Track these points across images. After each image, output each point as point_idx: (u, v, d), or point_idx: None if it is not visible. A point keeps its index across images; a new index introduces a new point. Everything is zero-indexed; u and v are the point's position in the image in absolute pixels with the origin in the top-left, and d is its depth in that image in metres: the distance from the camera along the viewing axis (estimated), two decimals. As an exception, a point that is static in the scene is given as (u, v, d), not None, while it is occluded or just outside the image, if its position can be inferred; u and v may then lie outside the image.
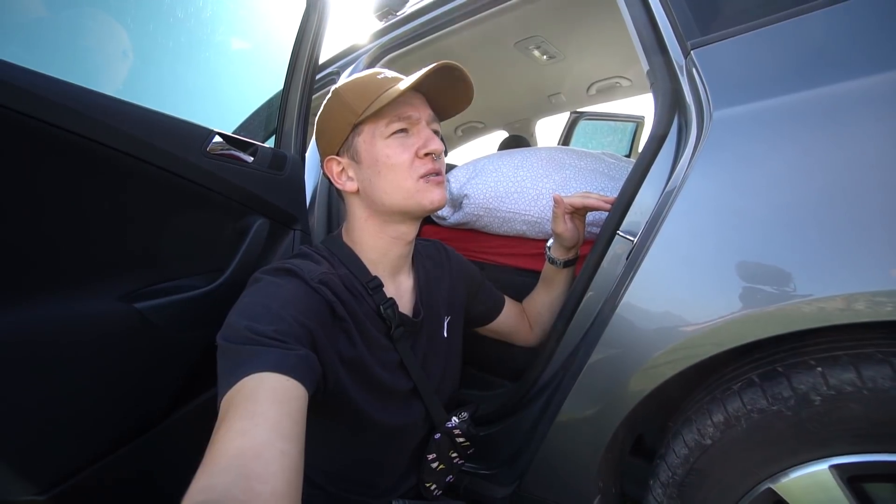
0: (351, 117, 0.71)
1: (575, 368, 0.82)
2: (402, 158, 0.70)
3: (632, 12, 0.86)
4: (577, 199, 0.89)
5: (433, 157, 0.72)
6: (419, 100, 0.74)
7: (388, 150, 0.70)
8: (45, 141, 0.54)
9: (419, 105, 0.73)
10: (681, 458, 0.71)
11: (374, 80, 0.72)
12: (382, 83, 0.71)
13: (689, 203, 0.67)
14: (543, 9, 1.35)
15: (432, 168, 0.72)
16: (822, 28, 0.62)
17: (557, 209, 0.91)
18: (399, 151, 0.70)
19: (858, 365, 0.55)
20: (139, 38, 0.75)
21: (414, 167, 0.71)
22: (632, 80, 2.11)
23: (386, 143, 0.71)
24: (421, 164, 0.71)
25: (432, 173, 0.72)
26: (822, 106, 0.59)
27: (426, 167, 0.71)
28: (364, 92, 0.71)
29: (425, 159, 0.71)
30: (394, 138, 0.71)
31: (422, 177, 0.71)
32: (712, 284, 0.64)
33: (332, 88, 0.76)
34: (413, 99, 0.72)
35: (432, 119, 0.75)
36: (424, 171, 0.71)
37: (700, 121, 0.69)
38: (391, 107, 0.69)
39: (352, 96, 0.72)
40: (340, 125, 0.72)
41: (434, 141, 0.72)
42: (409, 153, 0.71)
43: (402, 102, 0.70)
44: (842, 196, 0.55)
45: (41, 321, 0.59)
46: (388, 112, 0.70)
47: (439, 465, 0.83)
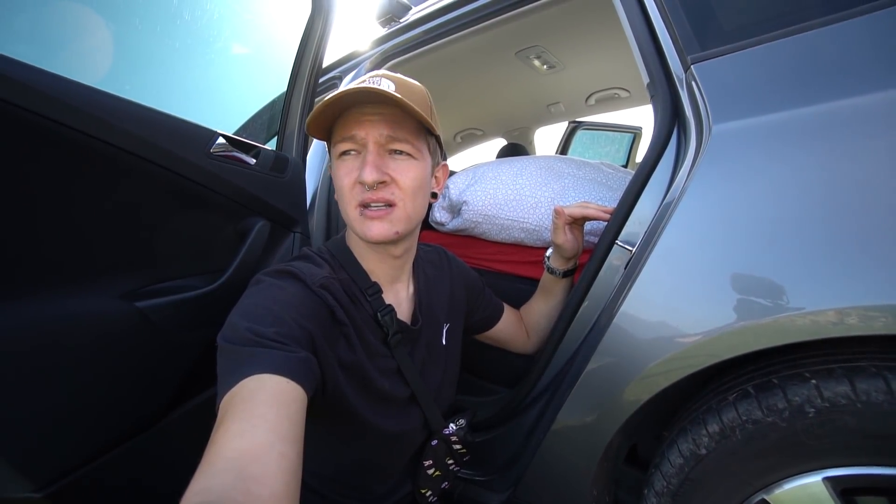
0: (313, 125, 0.67)
1: (571, 376, 0.83)
2: (342, 183, 0.67)
3: (633, 25, 0.87)
4: (577, 210, 0.90)
5: (364, 187, 0.65)
6: (378, 116, 0.65)
7: (337, 171, 0.68)
8: (53, 139, 0.55)
9: (373, 123, 0.65)
10: (675, 468, 0.71)
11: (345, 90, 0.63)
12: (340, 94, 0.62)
13: (688, 215, 0.68)
14: (545, 19, 1.37)
15: (367, 198, 0.65)
16: (821, 45, 0.63)
17: (558, 220, 0.91)
18: (341, 175, 0.67)
19: (853, 378, 0.55)
20: (147, 39, 0.76)
21: (353, 194, 0.66)
22: (630, 91, 2.14)
23: (336, 164, 0.68)
24: (358, 192, 0.66)
25: (367, 204, 0.66)
26: (819, 122, 0.60)
27: (362, 195, 0.66)
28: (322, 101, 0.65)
29: (361, 187, 0.65)
30: (341, 160, 0.67)
31: (359, 205, 0.66)
32: (709, 295, 0.65)
33: None
34: (368, 115, 0.65)
35: (388, 139, 0.65)
36: (359, 200, 0.66)
37: (699, 134, 0.70)
38: (341, 126, 0.66)
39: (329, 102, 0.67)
40: (318, 133, 0.70)
41: (368, 168, 0.63)
42: (350, 178, 0.66)
43: (354, 121, 0.65)
44: (836, 211, 0.57)
45: (43, 318, 0.59)
46: (337, 130, 0.67)
47: (435, 471, 0.83)
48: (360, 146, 0.66)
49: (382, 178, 0.65)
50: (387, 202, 0.66)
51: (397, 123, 0.66)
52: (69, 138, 0.56)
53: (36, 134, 0.53)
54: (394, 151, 0.67)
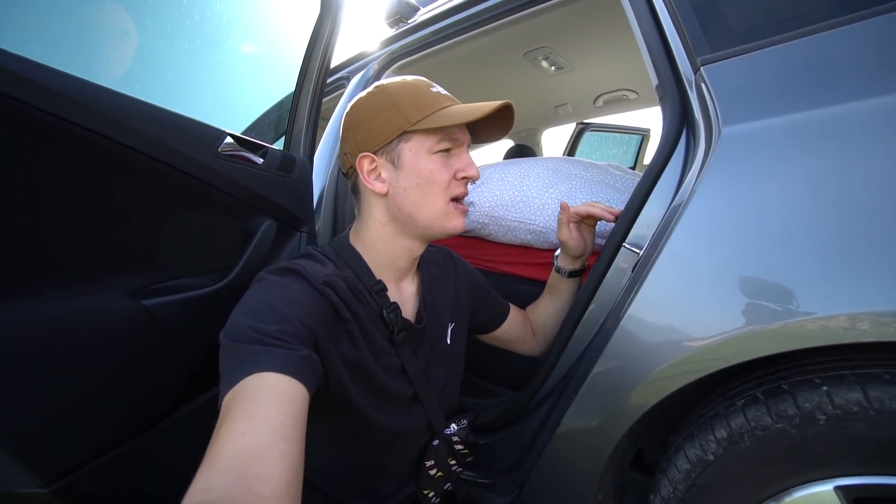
0: (402, 122, 0.70)
1: (577, 379, 0.82)
2: (442, 177, 0.72)
3: (642, 27, 0.87)
4: (583, 208, 0.90)
5: (467, 182, 0.75)
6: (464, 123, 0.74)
7: (432, 165, 0.71)
8: (62, 137, 0.55)
9: (464, 128, 0.75)
10: (682, 474, 0.70)
11: (429, 92, 0.73)
12: (437, 98, 0.72)
13: (697, 218, 0.67)
14: (553, 20, 1.37)
15: (465, 192, 0.75)
16: (833, 47, 0.62)
17: (563, 216, 0.92)
18: (441, 169, 0.72)
19: (865, 385, 0.54)
20: (157, 39, 0.77)
21: (450, 188, 0.73)
22: (639, 92, 2.13)
23: (431, 158, 0.72)
24: (456, 187, 0.74)
25: (463, 198, 0.75)
26: (832, 125, 0.59)
27: (460, 190, 0.74)
28: (419, 101, 0.71)
29: (461, 182, 0.74)
30: (438, 156, 0.72)
31: (453, 199, 0.74)
32: (717, 300, 0.64)
33: (378, 84, 0.75)
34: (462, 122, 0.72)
35: (470, 143, 0.77)
36: (458, 194, 0.74)
37: (709, 136, 0.69)
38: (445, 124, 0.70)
39: (407, 102, 0.70)
40: (388, 126, 0.71)
41: (473, 167, 0.74)
42: (449, 173, 0.72)
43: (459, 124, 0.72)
44: (849, 215, 0.56)
45: (51, 315, 0.60)
46: (442, 129, 0.71)
47: (437, 472, 0.83)
48: (455, 146, 0.74)
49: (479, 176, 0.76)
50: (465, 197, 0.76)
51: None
52: (78, 136, 0.56)
53: (45, 131, 0.54)
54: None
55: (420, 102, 0.71)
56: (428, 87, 0.74)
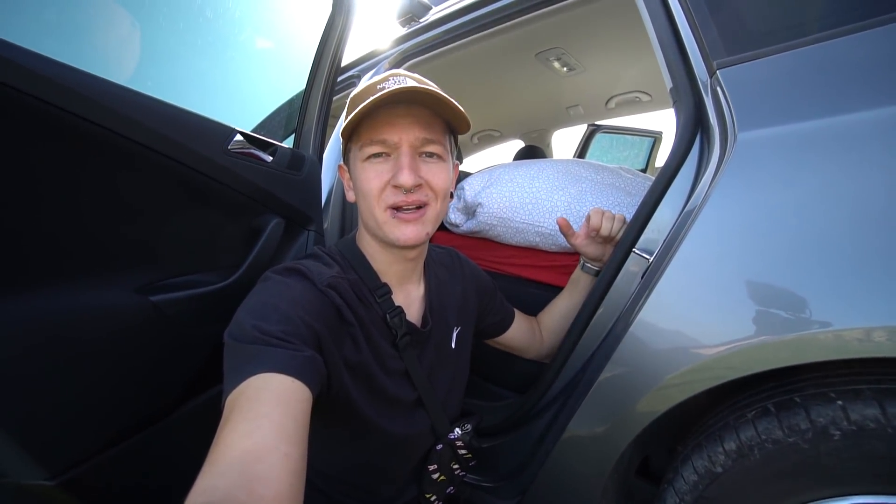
0: (347, 128, 0.66)
1: (584, 385, 0.81)
2: (371, 186, 0.65)
3: (657, 28, 0.85)
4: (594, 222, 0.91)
5: (400, 190, 0.65)
6: (409, 119, 0.65)
7: (363, 174, 0.66)
8: (73, 134, 0.56)
9: (406, 126, 0.64)
10: (689, 485, 0.69)
11: (373, 90, 0.65)
12: (376, 93, 0.62)
13: (710, 224, 0.66)
14: (566, 21, 1.35)
15: (400, 201, 0.65)
16: (853, 53, 0.61)
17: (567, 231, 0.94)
18: (370, 178, 0.65)
19: (883, 401, 0.53)
20: (170, 37, 0.77)
21: (383, 197, 0.65)
22: (652, 95, 2.10)
23: (363, 166, 0.67)
24: (391, 194, 0.65)
25: (400, 207, 0.66)
26: (850, 133, 0.57)
27: (395, 198, 0.65)
28: (357, 101, 0.65)
29: (394, 190, 0.65)
30: (370, 163, 0.66)
31: (390, 207, 0.66)
32: (729, 308, 0.63)
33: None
34: (400, 119, 0.64)
35: (423, 142, 0.66)
36: (392, 203, 0.65)
37: (724, 141, 0.68)
38: (370, 128, 0.64)
39: (351, 104, 0.67)
40: (343, 134, 0.68)
41: (403, 172, 0.63)
42: (380, 181, 0.65)
43: (385, 122, 0.64)
44: (867, 225, 0.54)
45: (60, 310, 0.60)
46: (365, 133, 0.65)
47: (440, 476, 0.82)
48: (391, 149, 0.65)
49: (419, 181, 0.65)
50: (420, 204, 0.66)
51: (429, 125, 0.66)
52: (89, 132, 0.56)
53: (56, 127, 0.54)
54: (425, 154, 0.67)
55: (355, 105, 0.64)
56: (375, 84, 0.66)
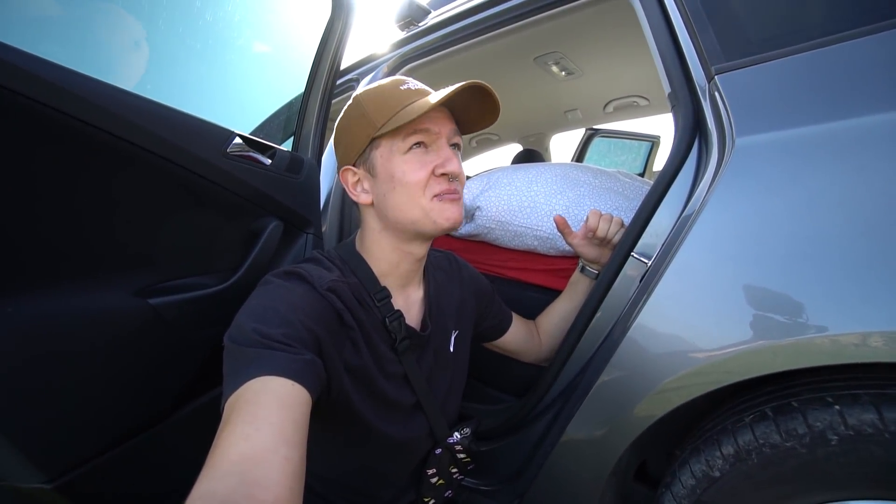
0: (370, 130, 0.68)
1: (582, 389, 0.81)
2: (417, 176, 0.67)
3: (655, 33, 0.86)
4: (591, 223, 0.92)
5: (448, 177, 0.69)
6: (442, 114, 0.70)
7: (405, 165, 0.68)
8: (71, 136, 0.55)
9: (441, 119, 0.69)
10: (687, 489, 0.69)
11: (396, 92, 0.69)
12: (404, 95, 0.68)
13: (708, 229, 0.66)
14: (565, 26, 1.36)
15: (447, 188, 0.69)
16: (851, 59, 0.61)
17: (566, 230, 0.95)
18: (415, 168, 0.67)
19: (880, 406, 0.53)
20: (169, 40, 0.77)
21: (429, 186, 0.68)
22: (650, 99, 2.11)
23: (403, 158, 0.68)
24: (436, 183, 0.68)
25: (447, 193, 0.69)
26: (848, 138, 0.58)
27: (441, 187, 0.68)
28: (385, 104, 0.68)
29: (441, 178, 0.68)
30: (411, 153, 0.68)
31: (436, 195, 0.68)
32: (727, 313, 0.63)
33: (354, 95, 0.74)
34: (435, 112, 0.68)
35: (454, 134, 0.71)
36: (439, 191, 0.68)
37: (722, 146, 0.68)
38: (410, 119, 0.65)
39: (372, 107, 0.68)
40: (359, 136, 0.70)
41: (452, 161, 0.68)
42: (426, 171, 0.67)
43: (424, 116, 0.66)
44: (865, 230, 0.54)
45: (58, 312, 0.60)
46: (407, 125, 0.66)
47: (439, 480, 0.82)
48: (431, 139, 0.69)
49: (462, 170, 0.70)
50: (456, 191, 0.70)
51: (452, 120, 0.72)
52: (87, 134, 0.56)
53: (55, 130, 0.54)
54: (452, 146, 0.71)
55: (385, 105, 0.68)
56: (397, 86, 0.70)
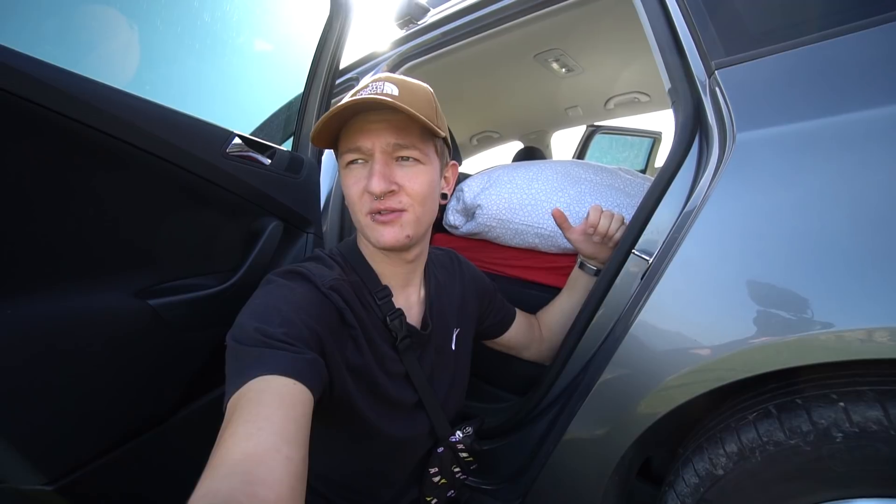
0: (320, 137, 0.67)
1: (584, 387, 0.81)
2: (350, 192, 0.67)
3: (655, 29, 0.85)
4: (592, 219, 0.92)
5: (373, 196, 0.64)
6: (382, 125, 0.64)
7: (344, 180, 0.68)
8: (71, 137, 0.55)
9: (378, 131, 0.64)
10: (690, 488, 0.69)
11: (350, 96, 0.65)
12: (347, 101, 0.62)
13: (709, 225, 0.66)
14: (564, 23, 1.36)
15: (376, 207, 0.65)
16: (851, 53, 0.61)
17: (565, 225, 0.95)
18: (349, 184, 0.67)
19: (886, 403, 0.52)
20: (167, 40, 0.77)
21: (362, 202, 0.66)
22: (651, 95, 2.10)
23: (344, 173, 0.68)
24: (367, 201, 0.66)
25: (377, 212, 0.66)
26: (850, 133, 0.57)
27: (370, 205, 0.66)
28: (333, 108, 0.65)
29: (369, 196, 0.65)
30: (349, 169, 0.67)
31: (369, 213, 0.66)
32: (730, 310, 0.62)
33: None
34: (372, 124, 0.64)
35: (395, 147, 0.65)
36: (368, 209, 0.66)
37: (722, 142, 0.68)
38: (346, 135, 0.66)
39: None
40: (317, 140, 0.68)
41: (374, 179, 0.63)
42: (359, 187, 0.66)
43: (358, 129, 0.64)
44: (866, 226, 0.54)
45: (58, 313, 0.60)
46: (342, 142, 0.66)
47: (441, 479, 0.82)
48: (366, 155, 0.66)
49: (390, 187, 0.64)
50: (394, 210, 0.66)
51: (403, 129, 0.65)
52: (87, 136, 0.56)
53: (54, 131, 0.54)
54: (401, 158, 0.66)
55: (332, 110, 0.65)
56: (357, 92, 0.66)
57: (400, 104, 0.60)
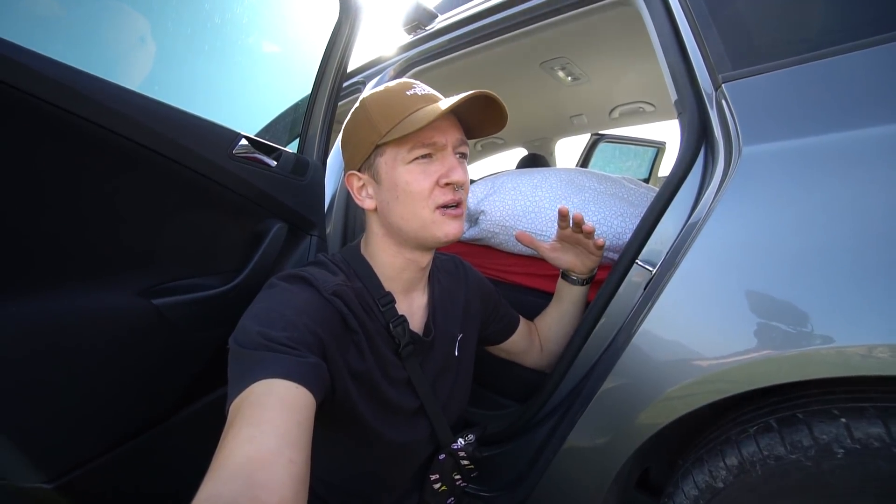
0: (374, 136, 0.67)
1: (585, 395, 0.81)
2: (421, 186, 0.67)
3: (662, 40, 0.86)
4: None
5: (454, 187, 0.68)
6: (448, 122, 0.68)
7: (409, 175, 0.67)
8: (78, 135, 0.56)
9: (447, 128, 0.68)
10: (690, 500, 0.69)
11: (402, 98, 0.68)
12: (410, 102, 0.67)
13: (713, 237, 0.66)
14: (571, 31, 1.36)
15: (452, 199, 0.68)
16: (859, 69, 0.61)
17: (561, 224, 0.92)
18: (420, 178, 0.67)
19: (888, 420, 0.52)
20: (178, 41, 0.77)
21: (433, 196, 0.67)
22: (656, 105, 2.11)
23: (407, 168, 0.67)
24: (441, 194, 0.68)
25: (451, 204, 0.68)
26: (856, 149, 0.57)
27: (445, 197, 0.68)
28: (390, 110, 0.67)
29: (445, 189, 0.68)
30: (416, 164, 0.67)
31: (439, 207, 0.68)
32: (732, 323, 0.63)
33: (360, 98, 0.73)
34: (442, 121, 0.67)
35: (460, 143, 0.70)
36: (443, 202, 0.68)
37: (728, 154, 0.68)
38: (416, 130, 0.65)
39: (377, 113, 0.68)
40: (364, 142, 0.69)
41: (457, 171, 0.67)
42: (430, 181, 0.67)
43: (429, 126, 0.65)
44: (870, 241, 0.54)
45: (61, 312, 0.60)
46: (412, 136, 0.65)
47: (441, 486, 0.82)
48: (438, 150, 0.68)
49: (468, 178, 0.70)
50: (460, 202, 0.70)
51: (459, 128, 0.71)
52: (95, 135, 0.57)
53: (61, 129, 0.54)
54: (459, 154, 0.71)
55: (389, 111, 0.67)
56: (403, 91, 0.69)
57: (498, 97, 0.67)
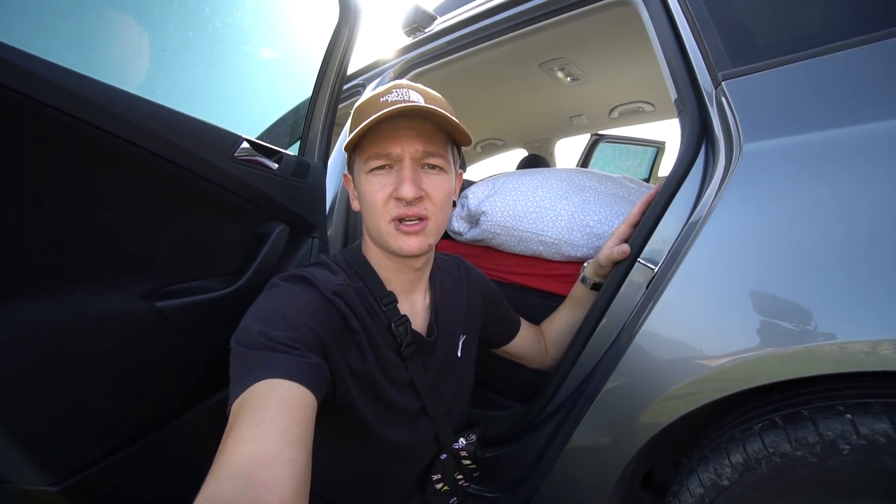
0: (351, 142, 0.66)
1: (588, 395, 0.81)
2: (375, 198, 0.66)
3: (661, 39, 0.86)
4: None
5: (401, 202, 0.65)
6: (412, 131, 0.65)
7: (367, 186, 0.67)
8: (81, 139, 0.56)
9: (407, 139, 0.65)
10: (695, 498, 0.68)
11: (376, 103, 0.66)
12: (378, 108, 0.63)
13: (715, 235, 0.66)
14: (570, 32, 1.36)
15: (403, 213, 0.65)
16: (858, 65, 0.61)
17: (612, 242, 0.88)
18: (375, 189, 0.66)
19: (893, 415, 0.52)
20: (178, 45, 0.78)
21: (387, 209, 0.66)
22: (655, 104, 2.11)
23: (366, 178, 0.67)
24: (393, 207, 0.66)
25: (403, 219, 0.66)
26: (856, 145, 0.57)
27: (398, 210, 0.66)
28: (359, 115, 0.66)
29: (397, 202, 0.65)
30: (373, 174, 0.66)
31: (393, 220, 0.66)
32: (734, 320, 0.62)
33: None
34: (404, 131, 0.64)
35: (424, 154, 0.66)
36: (396, 215, 0.66)
37: (729, 152, 0.68)
38: (373, 141, 0.65)
39: (353, 117, 0.68)
40: (347, 147, 0.69)
41: (406, 185, 0.64)
42: (384, 193, 0.65)
43: (387, 136, 0.64)
44: (872, 237, 0.54)
45: (65, 315, 0.61)
46: (368, 147, 0.65)
47: (444, 486, 0.82)
48: (394, 162, 0.66)
49: (420, 193, 0.65)
50: (420, 217, 0.67)
51: (430, 138, 0.66)
52: (97, 138, 0.57)
53: (65, 133, 0.55)
54: (427, 166, 0.67)
55: (357, 116, 0.66)
56: (379, 96, 0.67)
57: (444, 112, 0.62)
